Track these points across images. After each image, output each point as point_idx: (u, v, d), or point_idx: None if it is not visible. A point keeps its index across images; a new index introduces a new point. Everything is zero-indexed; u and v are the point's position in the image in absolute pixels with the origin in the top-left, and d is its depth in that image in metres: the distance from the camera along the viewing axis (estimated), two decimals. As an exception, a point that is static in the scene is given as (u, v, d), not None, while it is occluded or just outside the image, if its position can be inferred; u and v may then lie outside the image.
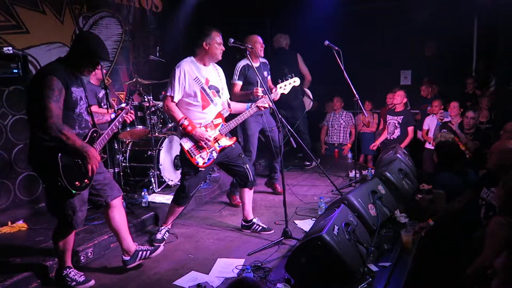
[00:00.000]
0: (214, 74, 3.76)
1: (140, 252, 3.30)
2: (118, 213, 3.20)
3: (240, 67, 4.64)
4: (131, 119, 3.31)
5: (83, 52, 2.89)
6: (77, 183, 2.81)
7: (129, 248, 3.26)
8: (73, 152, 2.78)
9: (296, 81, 4.03)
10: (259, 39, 4.68)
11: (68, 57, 2.93)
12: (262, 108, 3.83)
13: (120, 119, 3.22)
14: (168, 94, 3.60)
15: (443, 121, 6.18)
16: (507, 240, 2.40)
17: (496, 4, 6.37)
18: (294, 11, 7.73)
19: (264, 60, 4.86)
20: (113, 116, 3.26)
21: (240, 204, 4.75)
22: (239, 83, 4.65)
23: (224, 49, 3.67)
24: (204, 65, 3.69)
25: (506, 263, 2.26)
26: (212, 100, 3.68)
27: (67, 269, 3.07)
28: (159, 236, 3.83)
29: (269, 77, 4.88)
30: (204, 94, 3.63)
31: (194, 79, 3.59)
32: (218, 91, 3.75)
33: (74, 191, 2.79)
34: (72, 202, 2.89)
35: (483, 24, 7.72)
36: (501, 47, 6.19)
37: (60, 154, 2.74)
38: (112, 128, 3.15)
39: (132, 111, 3.29)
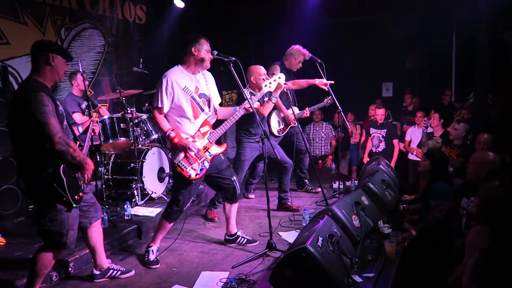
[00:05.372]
0: (202, 81, 3.64)
1: (111, 271, 3.34)
2: (97, 232, 3.23)
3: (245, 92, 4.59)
4: (97, 131, 3.32)
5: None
6: (76, 196, 2.81)
7: (102, 264, 3.31)
8: (74, 164, 2.76)
9: (281, 77, 3.87)
10: (262, 70, 4.62)
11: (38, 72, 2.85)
12: (251, 110, 3.66)
13: (91, 130, 3.23)
14: (155, 105, 3.45)
15: (428, 128, 6.24)
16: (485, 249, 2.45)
17: (474, 20, 6.55)
18: (276, 24, 7.83)
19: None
20: (81, 129, 3.28)
21: (217, 218, 4.76)
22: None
23: (212, 57, 3.56)
24: (193, 73, 3.56)
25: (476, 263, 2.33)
26: (202, 109, 3.55)
27: None
28: (152, 257, 3.61)
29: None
30: (194, 103, 3.50)
31: (183, 89, 3.45)
32: (208, 99, 3.63)
33: (74, 205, 2.79)
34: (67, 219, 2.82)
35: (461, 38, 7.95)
36: (479, 61, 6.35)
37: (62, 168, 2.71)
38: (88, 140, 3.15)
39: (96, 124, 3.31)
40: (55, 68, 2.81)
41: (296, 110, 5.53)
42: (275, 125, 5.34)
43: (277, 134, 5.38)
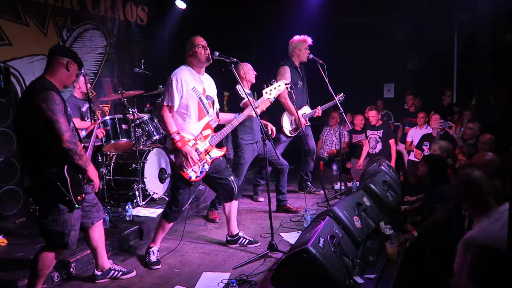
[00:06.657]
0: (208, 83, 3.67)
1: (112, 271, 3.35)
2: (98, 232, 3.25)
3: (240, 89, 4.59)
4: (101, 135, 3.37)
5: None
6: (79, 197, 2.84)
7: (103, 265, 3.32)
8: (78, 166, 2.78)
9: (280, 85, 3.93)
10: (251, 66, 4.75)
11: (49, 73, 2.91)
12: (253, 115, 3.73)
13: (94, 134, 3.25)
14: (165, 103, 3.45)
15: (443, 129, 6.14)
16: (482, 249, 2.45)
17: (475, 20, 6.56)
18: (277, 25, 7.83)
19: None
20: (84, 133, 3.31)
21: (218, 218, 4.76)
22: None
23: (207, 49, 3.55)
24: (199, 73, 3.60)
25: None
26: (207, 111, 3.60)
27: None
28: (153, 258, 3.62)
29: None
30: (201, 104, 3.53)
31: (192, 89, 3.48)
32: (213, 102, 3.68)
33: (76, 206, 2.82)
34: (70, 219, 2.84)
35: (462, 39, 7.95)
36: (480, 62, 6.35)
37: (66, 168, 2.73)
38: (92, 144, 3.17)
39: (102, 129, 3.36)
40: (70, 74, 2.92)
41: (308, 109, 5.50)
42: (287, 125, 5.33)
43: (289, 134, 5.38)
